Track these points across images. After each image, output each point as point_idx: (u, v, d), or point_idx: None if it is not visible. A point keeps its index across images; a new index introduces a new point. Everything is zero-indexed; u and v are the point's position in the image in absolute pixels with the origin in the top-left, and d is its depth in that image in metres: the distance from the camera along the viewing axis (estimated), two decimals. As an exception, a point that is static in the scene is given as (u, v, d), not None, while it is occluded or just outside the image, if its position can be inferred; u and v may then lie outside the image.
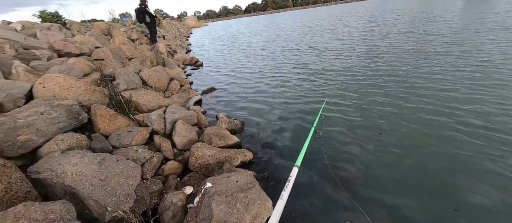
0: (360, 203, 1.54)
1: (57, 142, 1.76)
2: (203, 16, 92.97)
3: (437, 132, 2.29)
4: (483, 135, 2.15)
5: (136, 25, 9.27)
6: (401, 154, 2.07)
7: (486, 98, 2.76)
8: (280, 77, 4.82)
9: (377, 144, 2.25)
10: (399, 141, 2.24)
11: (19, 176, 1.37)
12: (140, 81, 3.64)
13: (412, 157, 2.02)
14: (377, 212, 1.53)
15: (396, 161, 2.00)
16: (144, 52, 6.02)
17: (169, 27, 15.77)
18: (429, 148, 2.09)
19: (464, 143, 2.10)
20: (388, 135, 2.34)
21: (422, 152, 2.06)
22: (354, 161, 2.06)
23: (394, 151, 2.11)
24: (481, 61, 3.95)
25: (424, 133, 2.30)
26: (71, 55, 3.83)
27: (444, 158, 1.95)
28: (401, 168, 1.91)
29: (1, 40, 3.33)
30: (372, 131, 2.46)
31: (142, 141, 2.22)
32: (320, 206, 1.67)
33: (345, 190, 1.64)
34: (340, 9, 27.49)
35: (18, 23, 4.99)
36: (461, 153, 1.98)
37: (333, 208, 1.65)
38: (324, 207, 1.67)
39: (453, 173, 1.80)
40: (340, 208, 1.63)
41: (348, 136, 2.37)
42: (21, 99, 2.10)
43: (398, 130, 2.40)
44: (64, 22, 6.74)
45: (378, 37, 7.42)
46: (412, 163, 1.95)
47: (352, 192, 1.70)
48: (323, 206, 1.66)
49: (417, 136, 2.26)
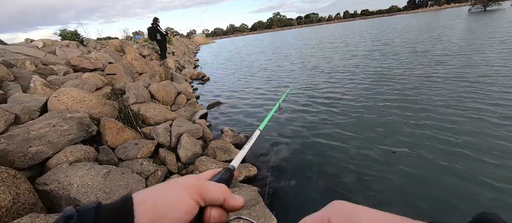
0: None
1: (66, 154, 1.81)
2: (211, 33, 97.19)
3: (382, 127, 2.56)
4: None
5: (148, 42, 9.77)
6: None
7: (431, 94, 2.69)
8: (284, 92, 4.87)
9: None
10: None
11: (27, 187, 1.40)
12: (149, 95, 3.76)
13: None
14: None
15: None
16: (154, 67, 6.28)
17: (179, 44, 16.52)
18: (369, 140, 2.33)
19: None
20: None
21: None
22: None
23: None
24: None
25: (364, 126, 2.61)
26: (86, 70, 4.04)
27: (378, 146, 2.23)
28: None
29: (23, 56, 3.57)
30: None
31: (147, 154, 2.24)
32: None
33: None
34: (343, 27, 28.31)
35: (40, 41, 5.37)
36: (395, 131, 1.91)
37: None
38: None
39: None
40: None
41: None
42: (36, 111, 2.19)
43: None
44: (82, 40, 7.19)
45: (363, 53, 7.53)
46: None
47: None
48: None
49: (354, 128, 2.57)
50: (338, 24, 48.75)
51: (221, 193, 0.27)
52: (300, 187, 2.04)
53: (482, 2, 25.74)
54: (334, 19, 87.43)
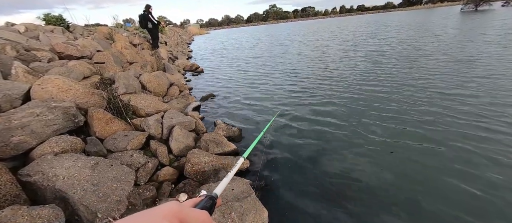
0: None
1: (51, 144, 1.74)
2: (205, 24, 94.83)
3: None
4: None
5: (139, 30, 9.41)
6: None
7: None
8: (281, 86, 4.85)
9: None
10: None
11: (9, 178, 1.34)
12: (140, 86, 3.65)
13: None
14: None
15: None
16: (146, 57, 6.07)
17: (172, 33, 16.02)
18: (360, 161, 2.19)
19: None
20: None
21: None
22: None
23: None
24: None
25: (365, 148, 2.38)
26: (72, 58, 3.85)
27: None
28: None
29: (3, 41, 3.36)
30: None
31: (138, 145, 2.19)
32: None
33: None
34: (338, 21, 28.24)
35: (22, 25, 5.05)
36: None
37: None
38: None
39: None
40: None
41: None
42: (18, 100, 2.08)
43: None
44: (68, 25, 6.82)
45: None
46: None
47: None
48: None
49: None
50: (334, 18, 48.78)
51: (203, 220, 0.27)
52: (292, 179, 2.06)
53: (474, 2, 26.31)
54: (330, 14, 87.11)
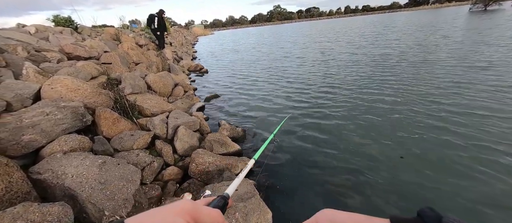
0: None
1: (60, 143, 1.78)
2: (210, 25, 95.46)
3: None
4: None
5: (145, 31, 9.54)
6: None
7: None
8: (286, 87, 4.85)
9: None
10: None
11: (20, 176, 1.38)
12: (146, 86, 3.70)
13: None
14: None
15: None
16: (151, 57, 6.16)
17: (176, 34, 16.19)
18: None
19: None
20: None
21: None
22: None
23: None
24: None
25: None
26: (80, 58, 3.93)
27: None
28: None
29: (14, 42, 3.46)
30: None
31: (143, 145, 2.22)
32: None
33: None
34: (343, 22, 27.98)
35: (32, 26, 5.19)
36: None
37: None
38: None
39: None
40: None
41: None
42: (29, 99, 2.14)
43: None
44: (76, 27, 6.96)
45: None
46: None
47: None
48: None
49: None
50: (339, 19, 48.32)
51: (215, 218, 0.28)
52: (296, 181, 2.06)
53: (483, 2, 25.57)
54: (334, 14, 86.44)
